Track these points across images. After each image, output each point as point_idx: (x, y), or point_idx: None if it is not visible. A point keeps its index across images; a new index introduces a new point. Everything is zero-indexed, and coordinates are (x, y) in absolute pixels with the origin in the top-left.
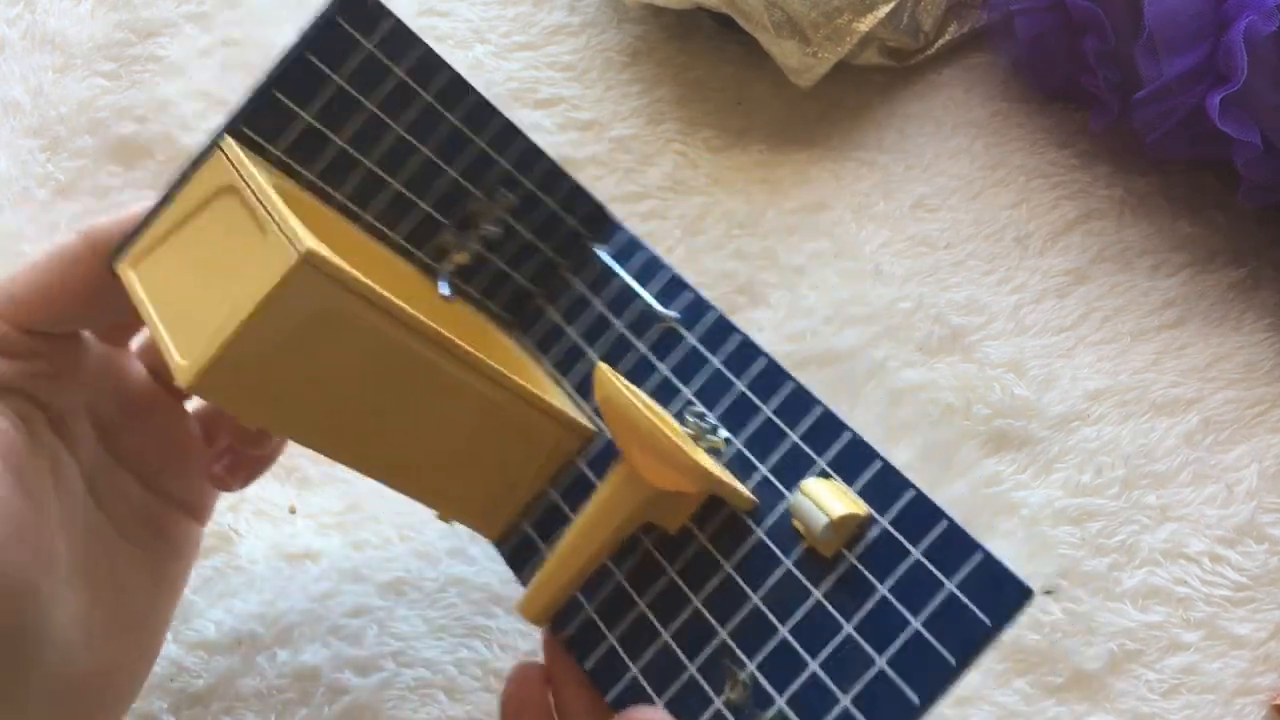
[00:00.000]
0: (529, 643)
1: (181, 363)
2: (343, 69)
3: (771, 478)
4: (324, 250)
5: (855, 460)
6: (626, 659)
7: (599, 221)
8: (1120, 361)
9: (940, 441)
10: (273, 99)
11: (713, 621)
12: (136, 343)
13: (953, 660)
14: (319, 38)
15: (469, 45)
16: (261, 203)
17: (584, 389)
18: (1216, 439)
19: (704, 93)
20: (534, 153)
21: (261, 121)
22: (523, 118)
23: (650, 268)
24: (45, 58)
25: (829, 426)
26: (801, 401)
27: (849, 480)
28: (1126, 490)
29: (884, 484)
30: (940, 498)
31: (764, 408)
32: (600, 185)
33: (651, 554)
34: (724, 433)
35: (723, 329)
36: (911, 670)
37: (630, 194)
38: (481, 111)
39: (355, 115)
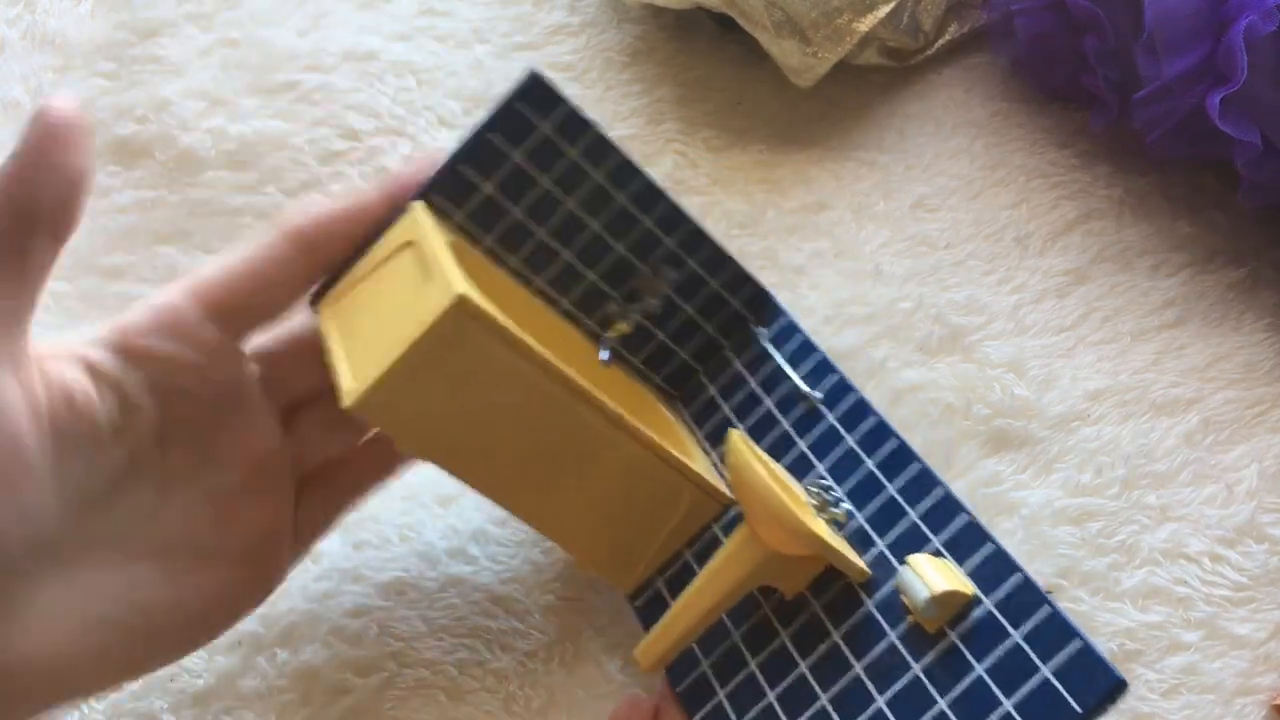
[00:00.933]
0: (530, 643)
1: (348, 386)
2: (520, 148)
3: (888, 553)
4: (477, 296)
5: (969, 542)
6: (733, 715)
7: (761, 305)
8: (1120, 361)
9: (940, 441)
10: (456, 172)
11: (815, 687)
12: None
13: None
14: (499, 120)
15: (469, 45)
16: (430, 255)
17: None
18: (1216, 439)
19: (704, 93)
20: (699, 235)
21: (446, 191)
22: None
23: (804, 350)
24: (45, 58)
25: (947, 508)
26: (925, 482)
27: (961, 560)
28: (1126, 490)
29: (995, 566)
30: None
31: (889, 486)
32: None
33: (769, 617)
34: (847, 505)
35: (860, 410)
36: None
37: None
38: (650, 193)
39: (530, 190)
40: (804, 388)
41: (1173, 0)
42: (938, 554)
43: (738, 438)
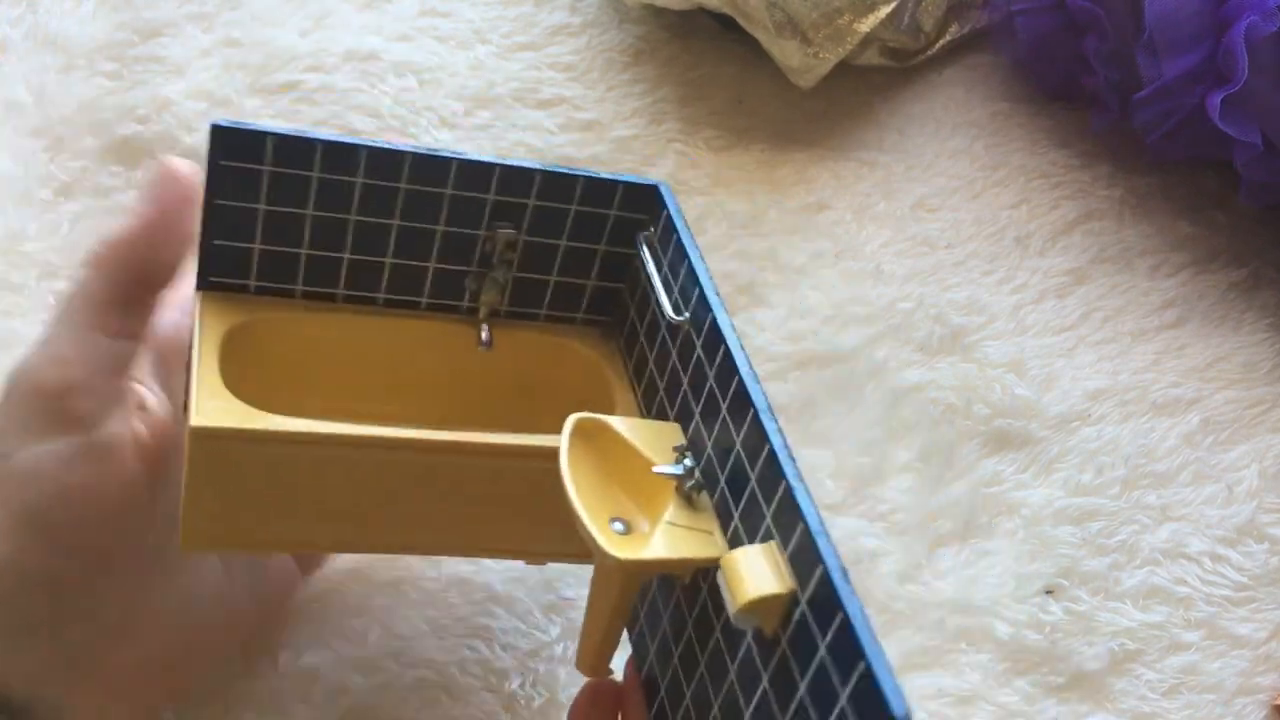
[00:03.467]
0: (530, 643)
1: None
2: (261, 198)
3: (740, 526)
4: (214, 421)
5: (789, 514)
6: (670, 713)
7: (646, 199)
8: (1120, 361)
9: (941, 441)
10: (215, 248)
11: (709, 689)
12: None
13: None
14: (216, 185)
15: (470, 46)
16: (195, 373)
17: (647, 392)
18: (1217, 439)
19: (705, 93)
20: (512, 172)
21: (219, 270)
22: (524, 118)
23: (678, 253)
24: (47, 58)
25: (773, 469)
26: (758, 431)
27: (785, 538)
28: (1127, 490)
29: (808, 550)
30: (940, 498)
31: (735, 440)
32: None
33: (680, 601)
34: (690, 463)
35: (715, 334)
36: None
37: None
38: (428, 163)
39: (302, 226)
40: (670, 312)
41: (1173, 1)
42: (769, 534)
43: (570, 424)
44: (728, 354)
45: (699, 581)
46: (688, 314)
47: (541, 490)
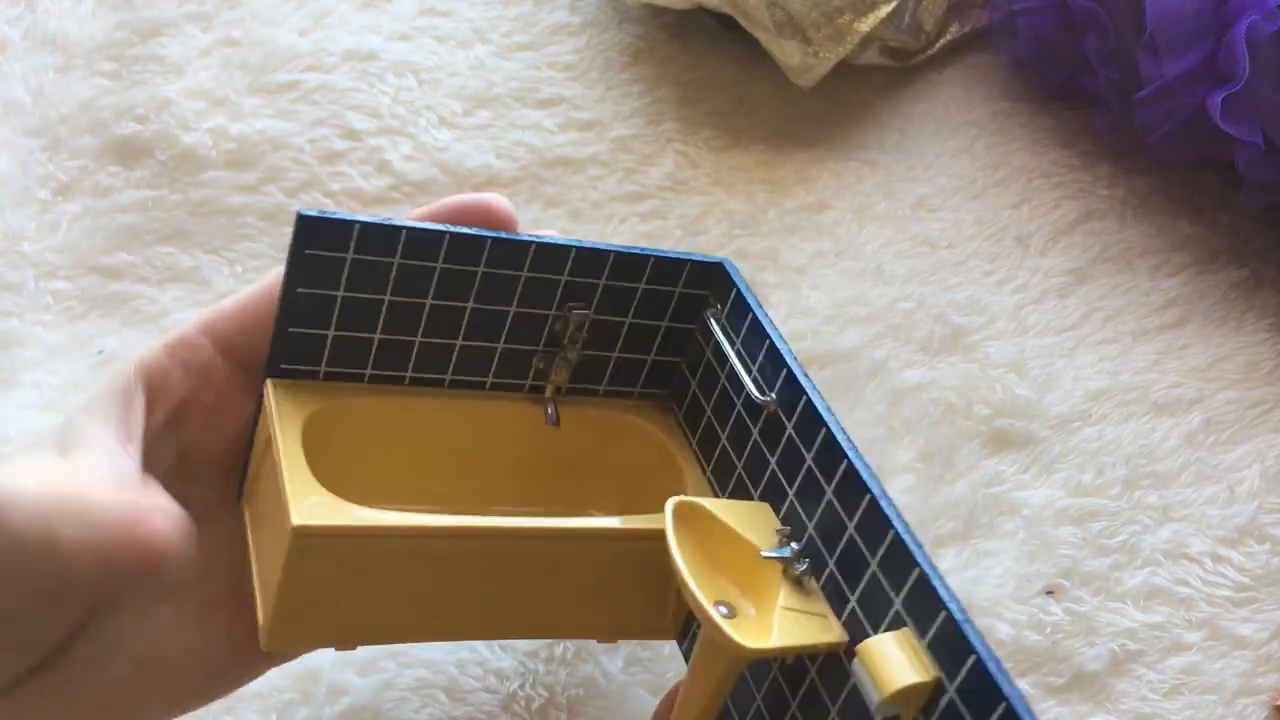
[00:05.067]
0: (530, 643)
1: (262, 624)
2: (340, 286)
3: (859, 610)
4: (319, 514)
5: (926, 601)
6: None
7: (712, 278)
8: (1121, 361)
9: (941, 441)
10: (290, 335)
11: None
12: None
13: None
14: (299, 274)
15: (470, 45)
16: (280, 467)
17: (720, 469)
18: (1218, 439)
19: (705, 92)
20: (584, 253)
21: (291, 357)
22: (524, 117)
23: (755, 334)
24: (46, 57)
25: (901, 555)
26: (879, 518)
27: (922, 626)
28: (1128, 490)
29: (953, 637)
30: (941, 498)
31: (847, 523)
32: (601, 185)
33: (779, 682)
34: (804, 564)
35: (813, 416)
36: None
37: (631, 194)
38: (506, 247)
39: (377, 311)
40: (755, 394)
41: (1174, 0)
42: (899, 620)
43: (671, 508)
44: (830, 438)
45: (805, 663)
46: (773, 395)
47: (632, 570)
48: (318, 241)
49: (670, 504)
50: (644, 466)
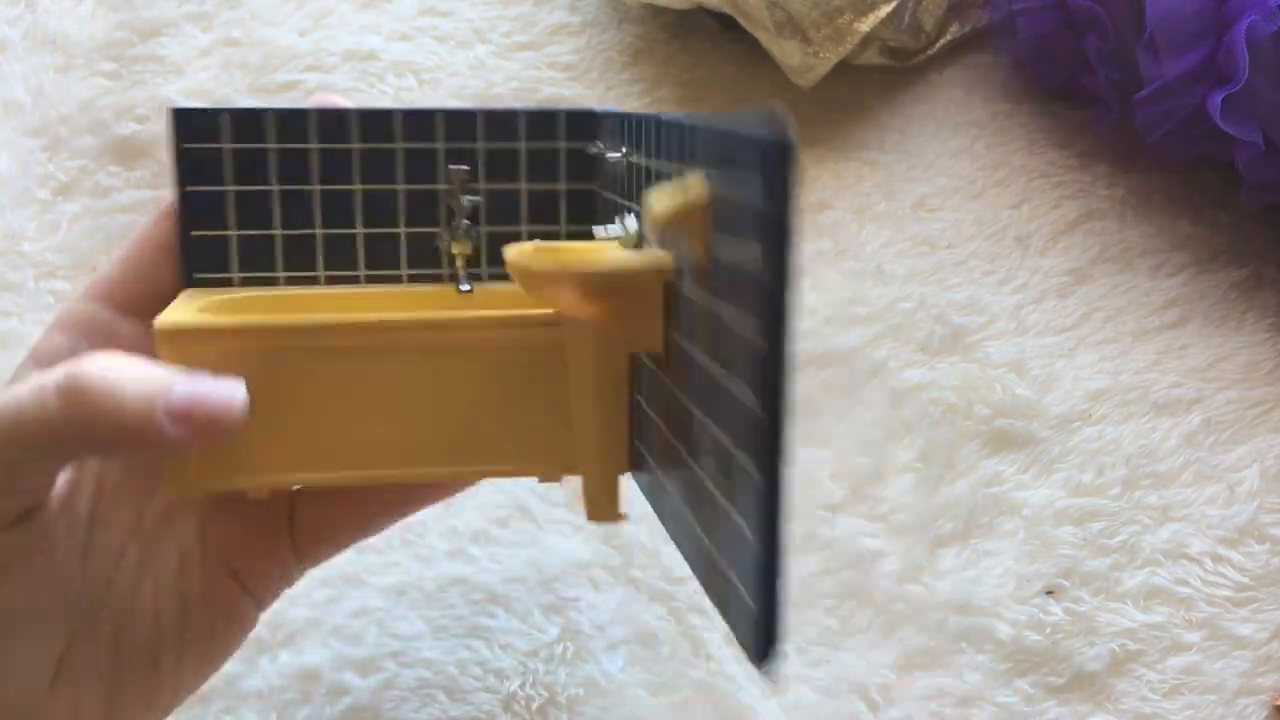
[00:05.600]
0: (530, 643)
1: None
2: (226, 178)
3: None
4: (178, 319)
5: (692, 142)
6: (663, 480)
7: (591, 124)
8: (1121, 361)
9: (941, 441)
10: (192, 239)
11: (694, 408)
12: None
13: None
14: (182, 169)
15: (470, 45)
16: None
17: None
18: (1218, 439)
19: (705, 93)
20: (460, 117)
21: (199, 261)
22: None
23: (617, 125)
24: (46, 58)
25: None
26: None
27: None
28: (1128, 490)
29: (710, 147)
30: (941, 498)
31: (651, 164)
32: None
33: (661, 381)
34: (632, 221)
35: (626, 119)
36: (752, 312)
37: None
38: (373, 118)
39: (269, 204)
40: (610, 154)
41: (1174, 0)
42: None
43: (508, 251)
44: (621, 116)
45: (676, 344)
46: (624, 148)
47: (529, 373)
48: (193, 134)
49: (509, 247)
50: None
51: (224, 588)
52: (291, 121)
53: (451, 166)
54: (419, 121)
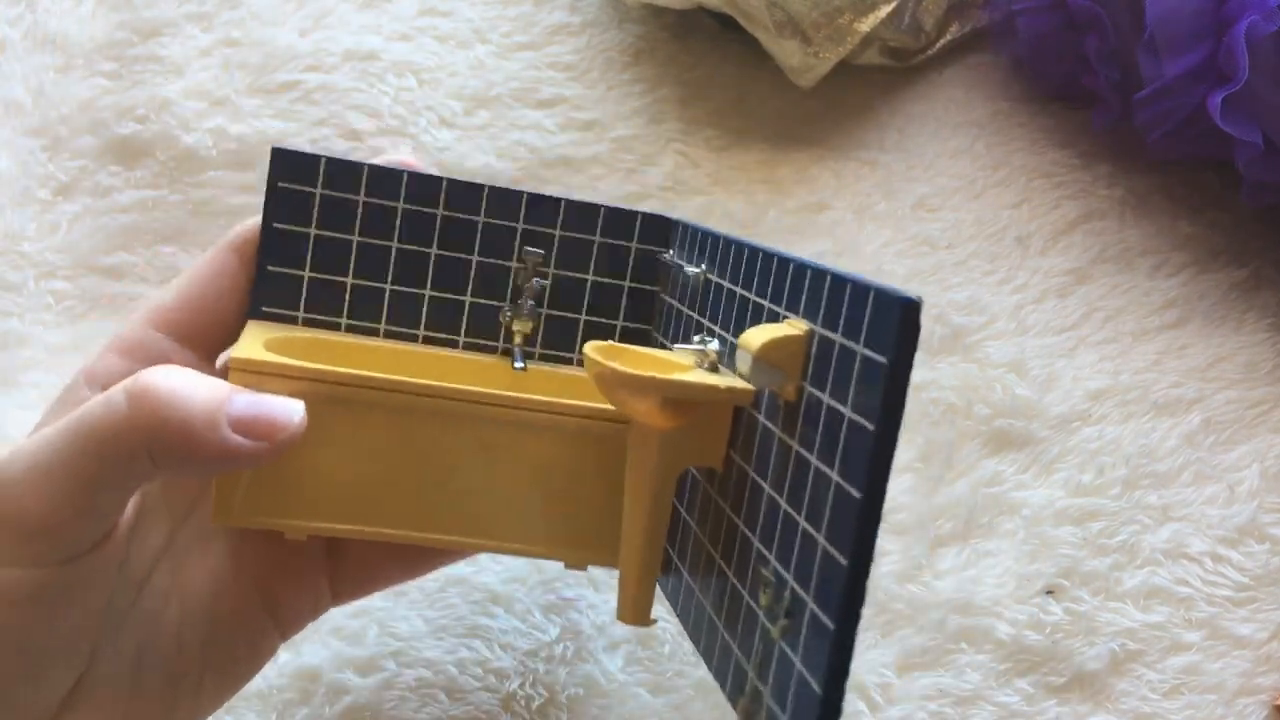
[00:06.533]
0: (530, 643)
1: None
2: (310, 220)
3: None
4: (251, 354)
5: (793, 281)
6: (694, 587)
7: (664, 231)
8: (1121, 361)
9: (941, 441)
10: (268, 273)
11: (744, 529)
12: None
13: (872, 427)
14: (272, 204)
15: (470, 45)
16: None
17: None
18: (1218, 439)
19: (705, 92)
20: (544, 202)
21: (270, 297)
22: (524, 117)
23: (695, 238)
24: (46, 58)
25: (781, 262)
26: (751, 259)
27: (797, 307)
28: (1128, 490)
29: (817, 290)
30: (941, 498)
31: (736, 289)
32: (602, 185)
33: (709, 493)
34: (714, 344)
35: (724, 249)
36: (851, 461)
37: (632, 194)
38: (465, 191)
39: (347, 253)
40: (688, 267)
41: (1174, 1)
42: (776, 319)
43: (589, 348)
44: (727, 244)
45: (733, 460)
46: (703, 265)
47: (581, 471)
48: (289, 175)
49: (590, 344)
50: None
51: (253, 615)
52: (383, 179)
53: (528, 249)
54: (503, 199)
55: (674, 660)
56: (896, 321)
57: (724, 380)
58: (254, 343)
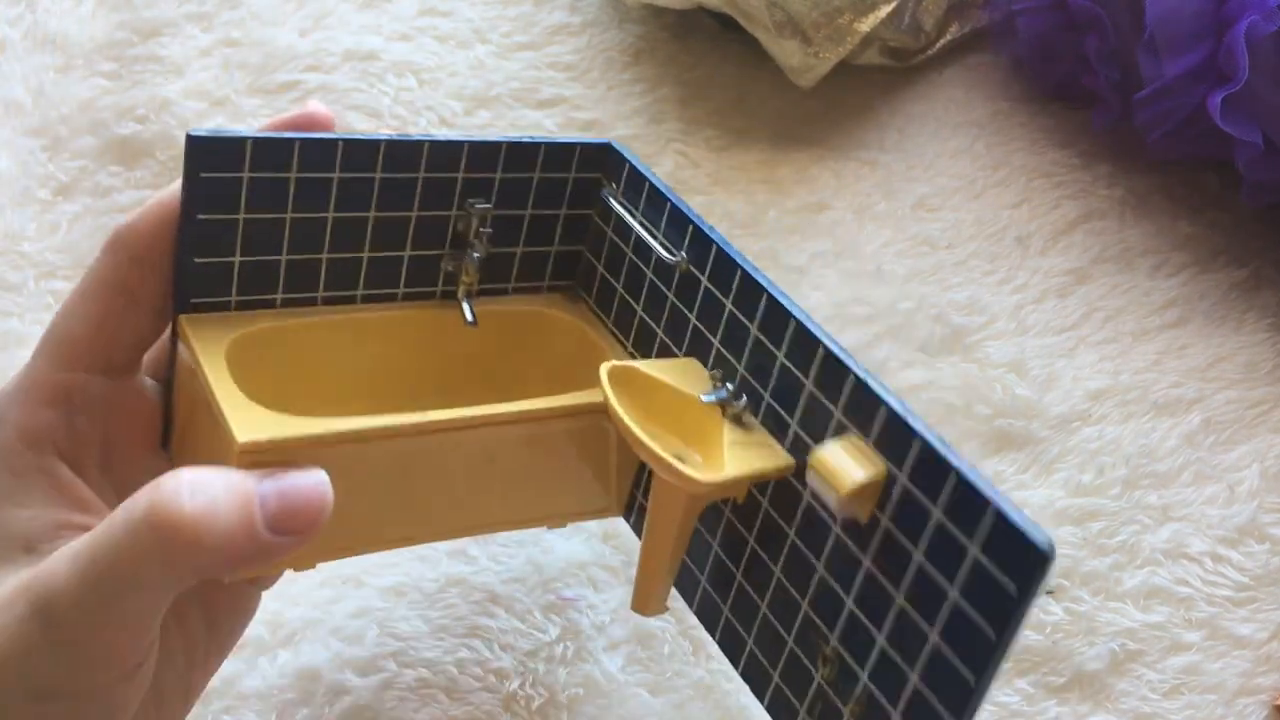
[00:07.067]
0: (530, 643)
1: None
2: (240, 209)
3: (801, 433)
4: (257, 435)
5: (865, 403)
6: (742, 631)
7: (604, 159)
8: (1121, 361)
9: None
10: (195, 266)
11: (794, 593)
12: None
13: (992, 635)
14: (194, 197)
15: (470, 45)
16: (210, 395)
17: (641, 340)
18: (1218, 439)
19: (705, 92)
20: (483, 148)
21: (200, 288)
22: (524, 117)
23: (655, 201)
24: (46, 58)
25: (835, 368)
26: (808, 340)
27: (864, 427)
28: (1128, 490)
29: (896, 430)
30: None
31: (778, 354)
32: None
33: (733, 524)
34: (744, 401)
35: (726, 262)
36: (961, 646)
37: None
38: (401, 149)
39: (280, 232)
40: (664, 254)
41: (1174, 1)
42: (842, 429)
43: (604, 375)
44: (747, 278)
45: (756, 497)
46: (683, 254)
47: (570, 450)
48: (212, 163)
49: (604, 369)
50: (566, 355)
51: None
52: (316, 150)
53: (475, 204)
54: (445, 151)
55: (673, 660)
56: (1031, 565)
57: (767, 461)
58: (233, 396)
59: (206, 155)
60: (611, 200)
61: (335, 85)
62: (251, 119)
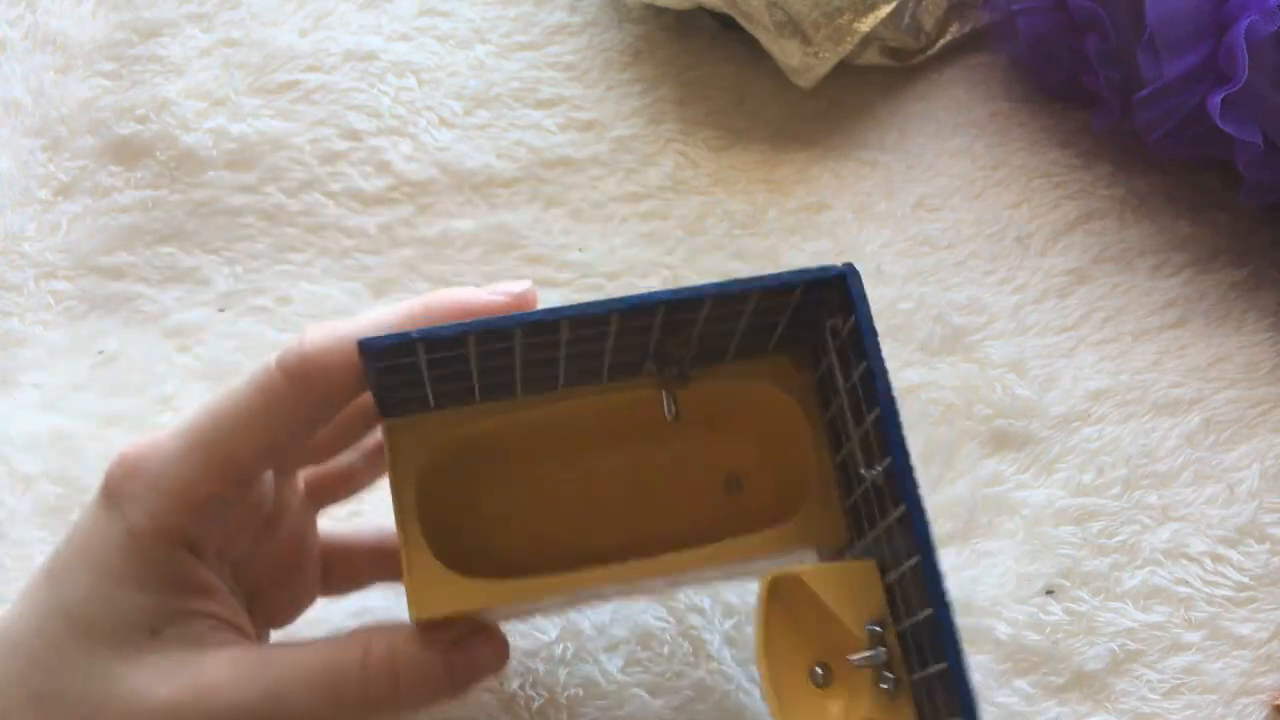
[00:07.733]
0: (530, 643)
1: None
2: (423, 382)
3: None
4: (434, 612)
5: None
6: None
7: (829, 287)
8: (1121, 361)
9: (941, 441)
10: (390, 399)
11: None
12: None
13: None
14: (381, 383)
15: (470, 45)
16: (401, 536)
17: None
18: (1218, 439)
19: (705, 92)
20: (690, 304)
21: (396, 407)
22: (524, 117)
23: (868, 386)
24: (46, 58)
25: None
26: (940, 627)
27: None
28: (1128, 490)
29: None
30: (941, 497)
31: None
32: (601, 185)
33: None
34: (890, 677)
35: (903, 494)
36: None
37: (631, 194)
38: (591, 322)
39: (466, 380)
40: (862, 465)
41: (1174, 0)
42: None
43: (765, 587)
44: (916, 535)
45: None
46: (880, 468)
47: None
48: (385, 361)
49: (766, 581)
50: (781, 435)
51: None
52: (492, 337)
53: (671, 362)
54: (636, 313)
55: (673, 661)
56: None
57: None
58: (421, 554)
59: (379, 356)
60: (830, 342)
61: (335, 85)
62: (251, 118)
